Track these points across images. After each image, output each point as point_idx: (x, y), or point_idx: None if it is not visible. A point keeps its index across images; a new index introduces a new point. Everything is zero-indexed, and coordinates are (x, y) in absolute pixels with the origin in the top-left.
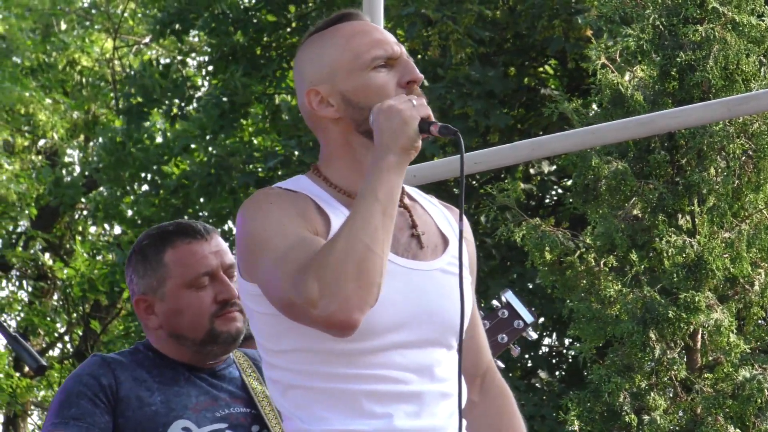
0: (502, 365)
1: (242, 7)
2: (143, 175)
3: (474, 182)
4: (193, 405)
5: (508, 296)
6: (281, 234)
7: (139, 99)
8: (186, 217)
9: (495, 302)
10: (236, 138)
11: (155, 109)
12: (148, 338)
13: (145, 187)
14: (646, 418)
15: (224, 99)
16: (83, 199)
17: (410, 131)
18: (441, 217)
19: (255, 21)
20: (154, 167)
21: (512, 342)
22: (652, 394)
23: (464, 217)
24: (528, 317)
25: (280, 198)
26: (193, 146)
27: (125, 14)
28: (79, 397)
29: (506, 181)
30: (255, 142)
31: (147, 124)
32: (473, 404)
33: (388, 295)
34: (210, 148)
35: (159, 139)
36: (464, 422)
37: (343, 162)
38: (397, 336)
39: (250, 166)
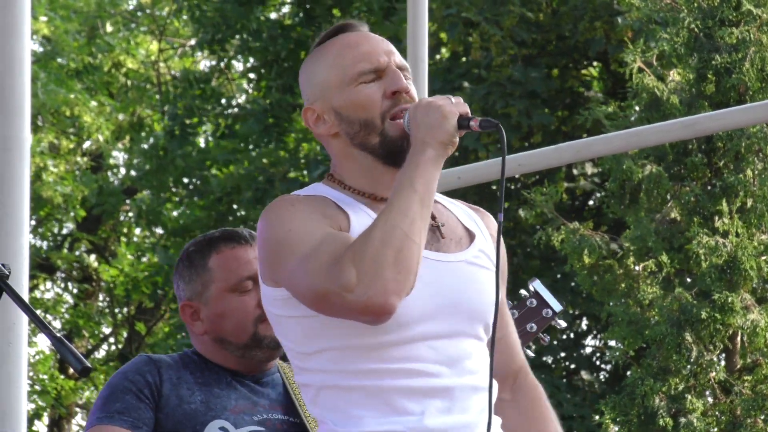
0: (531, 354)
1: (276, 23)
2: (186, 180)
3: (518, 184)
4: (233, 407)
5: (536, 285)
6: (307, 232)
7: (186, 121)
8: (230, 225)
9: (523, 291)
10: (280, 147)
11: (200, 127)
12: (194, 344)
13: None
14: (683, 420)
15: (269, 114)
16: (127, 201)
17: (449, 126)
18: (464, 214)
19: (293, 36)
20: (197, 173)
21: (541, 331)
22: (689, 396)
23: (501, 216)
24: (556, 306)
25: (300, 201)
26: (237, 157)
27: (171, 17)
28: (125, 392)
29: (545, 185)
30: (301, 151)
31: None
32: (505, 402)
33: (415, 286)
34: (253, 155)
35: (202, 143)
36: (499, 420)
37: (352, 169)
38: (425, 327)
39: (294, 174)
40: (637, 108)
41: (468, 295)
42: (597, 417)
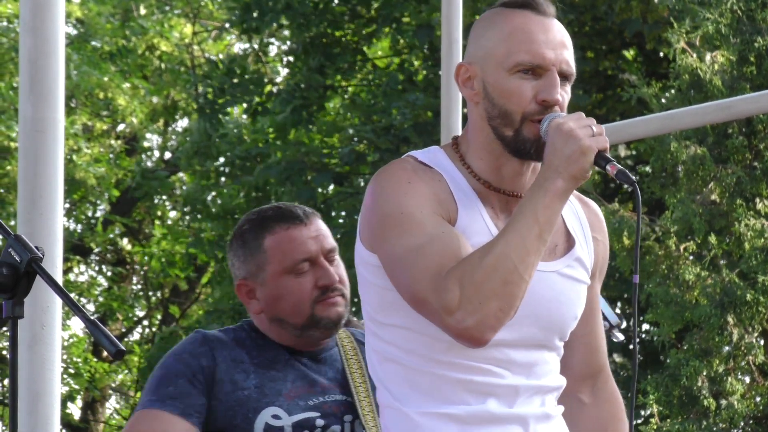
0: None
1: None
2: (225, 170)
3: None
4: (288, 391)
5: None
6: (419, 220)
7: (219, 101)
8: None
9: None
10: (313, 132)
11: (231, 108)
12: (253, 320)
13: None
14: (723, 402)
15: (298, 94)
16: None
17: (585, 163)
18: (571, 213)
19: (329, 16)
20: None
21: None
22: (729, 378)
23: (636, 278)
24: (613, 318)
25: (417, 175)
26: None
27: None
28: (178, 376)
29: None
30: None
31: (226, 117)
32: (583, 405)
33: None
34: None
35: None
36: (561, 408)
37: (478, 145)
38: (501, 334)
39: (326, 160)
40: (679, 88)
41: (550, 308)
42: (638, 398)
